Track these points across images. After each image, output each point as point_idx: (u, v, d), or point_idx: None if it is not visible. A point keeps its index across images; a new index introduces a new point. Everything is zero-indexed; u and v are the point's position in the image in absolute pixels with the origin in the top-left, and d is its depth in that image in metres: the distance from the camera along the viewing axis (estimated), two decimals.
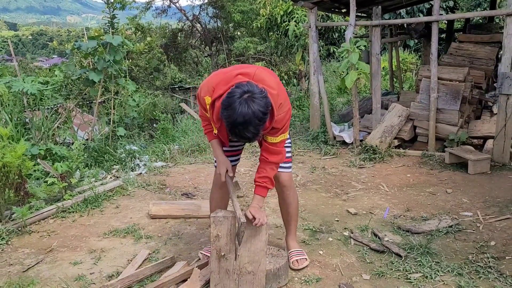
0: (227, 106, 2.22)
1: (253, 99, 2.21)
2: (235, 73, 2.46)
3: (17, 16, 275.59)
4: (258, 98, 2.22)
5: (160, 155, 5.98)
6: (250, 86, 2.26)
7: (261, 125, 2.25)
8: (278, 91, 2.45)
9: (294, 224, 3.08)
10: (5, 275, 2.91)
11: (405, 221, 3.70)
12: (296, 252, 3.00)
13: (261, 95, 2.24)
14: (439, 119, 5.71)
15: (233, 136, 2.30)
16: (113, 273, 2.94)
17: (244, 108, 2.18)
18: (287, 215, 3.03)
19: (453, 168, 5.11)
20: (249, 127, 2.21)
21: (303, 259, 2.96)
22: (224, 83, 2.43)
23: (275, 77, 2.62)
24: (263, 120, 2.25)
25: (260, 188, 2.66)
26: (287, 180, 2.90)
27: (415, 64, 13.17)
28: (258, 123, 2.22)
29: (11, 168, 3.64)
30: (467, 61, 6.23)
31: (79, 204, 4.11)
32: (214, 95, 2.46)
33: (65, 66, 6.97)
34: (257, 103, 2.21)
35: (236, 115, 2.18)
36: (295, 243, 3.09)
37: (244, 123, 2.19)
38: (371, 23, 6.12)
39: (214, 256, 2.57)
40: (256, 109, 2.19)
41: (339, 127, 6.75)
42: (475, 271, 2.84)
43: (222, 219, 2.55)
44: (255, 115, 2.19)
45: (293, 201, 2.99)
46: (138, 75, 12.16)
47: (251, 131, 2.23)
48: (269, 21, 11.61)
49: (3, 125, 5.04)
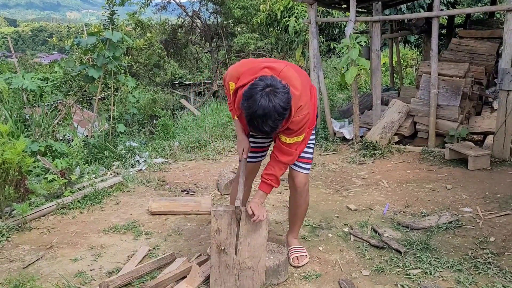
0: (248, 97, 2.22)
1: (275, 93, 2.20)
2: (262, 66, 2.46)
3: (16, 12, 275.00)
4: (280, 93, 2.21)
5: (160, 151, 5.98)
6: (274, 80, 2.26)
7: (280, 120, 2.25)
8: (301, 93, 2.41)
9: (299, 225, 3.08)
10: (6, 272, 2.92)
11: (405, 217, 3.70)
12: (296, 249, 3.01)
13: (283, 90, 2.23)
14: (439, 115, 5.70)
15: (251, 128, 2.31)
16: (113, 269, 2.94)
17: (265, 101, 2.17)
18: (294, 216, 3.02)
19: (453, 164, 5.11)
20: (268, 121, 2.20)
21: (303, 256, 2.97)
22: (250, 73, 2.44)
23: (303, 78, 2.57)
24: (282, 115, 2.24)
25: (265, 185, 2.65)
26: (302, 183, 2.85)
27: (415, 60, 13.15)
28: (277, 118, 2.22)
29: (11, 165, 3.64)
30: (467, 57, 6.22)
31: (79, 201, 4.12)
32: (239, 83, 2.47)
33: (64, 63, 6.96)
34: (279, 98, 2.20)
35: (257, 107, 2.17)
36: (296, 240, 3.09)
37: (264, 116, 2.18)
38: (371, 18, 6.10)
39: (214, 250, 2.58)
40: (277, 104, 2.18)
41: (339, 123, 6.74)
42: (474, 267, 2.84)
43: (222, 213, 2.56)
44: (275, 109, 2.18)
45: (303, 204, 2.96)
46: (138, 71, 12.15)
47: (270, 125, 2.22)
48: (269, 17, 11.59)
49: (3, 122, 5.04)
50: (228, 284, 2.60)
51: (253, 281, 2.60)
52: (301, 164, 2.81)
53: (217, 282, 2.60)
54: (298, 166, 2.82)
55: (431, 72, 5.63)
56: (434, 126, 5.67)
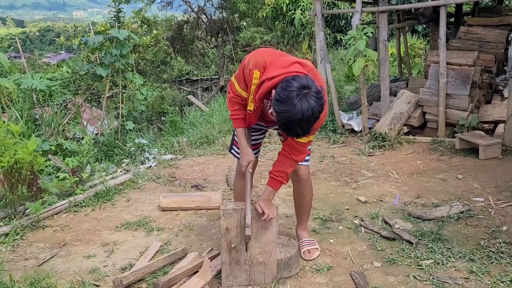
0: (284, 100, 2.11)
1: (312, 96, 2.12)
2: (292, 60, 2.34)
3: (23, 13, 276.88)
4: (317, 97, 2.14)
5: (169, 147, 6.00)
6: (310, 81, 2.16)
7: (314, 123, 2.19)
8: (326, 98, 2.33)
9: (306, 216, 3.08)
10: (21, 269, 2.96)
11: (416, 208, 3.69)
12: (307, 242, 3.01)
13: (319, 95, 2.16)
14: (448, 104, 5.65)
15: (283, 129, 2.23)
16: (126, 265, 2.97)
17: (305, 104, 2.09)
18: (301, 207, 3.02)
19: (464, 153, 5.07)
20: (304, 125, 2.14)
21: (314, 249, 2.97)
22: (280, 66, 2.31)
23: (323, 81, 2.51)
24: (317, 119, 2.19)
25: (274, 181, 2.62)
26: (306, 174, 2.86)
27: (423, 49, 13.01)
28: (313, 121, 2.17)
29: (23, 165, 3.68)
30: (476, 45, 6.14)
31: (91, 198, 4.16)
32: (266, 75, 2.32)
33: (72, 62, 7.00)
34: (315, 100, 2.13)
35: (295, 111, 2.09)
36: (306, 233, 3.09)
37: (301, 121, 2.12)
38: (377, 9, 6.05)
39: (224, 248, 2.59)
40: (315, 108, 2.12)
41: (348, 115, 6.71)
42: (487, 257, 2.83)
43: (231, 212, 2.56)
44: (313, 114, 2.13)
45: (308, 194, 2.97)
46: (145, 68, 12.19)
47: (305, 129, 2.17)
48: (275, 10, 11.55)
49: (14, 122, 5.09)
50: (239, 279, 2.61)
51: (264, 275, 2.61)
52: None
53: (229, 278, 2.61)
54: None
55: (439, 62, 5.57)
56: (443, 116, 5.62)
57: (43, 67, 13.33)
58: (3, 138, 3.67)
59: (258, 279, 2.61)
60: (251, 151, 2.65)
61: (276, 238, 2.63)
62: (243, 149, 2.64)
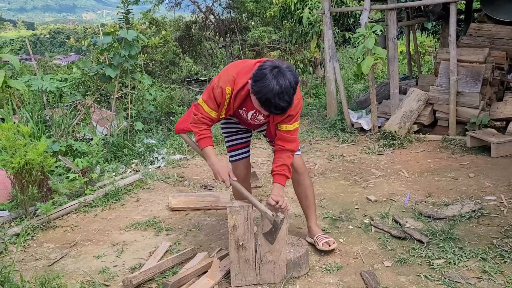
0: (260, 77, 2.29)
1: (285, 70, 2.31)
2: (253, 62, 2.53)
3: (34, 16, 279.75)
4: (288, 70, 2.32)
5: (178, 148, 6.01)
6: (278, 62, 2.37)
7: (293, 96, 2.33)
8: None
9: (314, 209, 3.08)
10: (32, 269, 2.98)
11: (427, 207, 3.65)
12: (323, 236, 3.01)
13: (289, 69, 2.34)
14: (459, 102, 5.59)
15: (266, 108, 2.34)
16: (135, 265, 2.98)
17: (281, 79, 2.27)
18: (306, 199, 3.03)
19: (475, 152, 5.01)
20: (285, 96, 2.28)
21: (331, 242, 2.96)
22: (245, 72, 2.49)
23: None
24: (295, 90, 2.34)
25: (279, 177, 2.67)
26: (301, 164, 2.95)
27: (433, 47, 12.90)
28: (292, 93, 2.32)
29: (33, 165, 3.71)
30: (487, 42, 6.07)
31: (101, 199, 4.18)
32: (237, 86, 2.51)
33: (82, 63, 7.05)
34: (289, 74, 2.30)
35: (273, 85, 2.25)
36: (318, 228, 3.10)
37: (281, 93, 2.26)
38: (386, 6, 6.00)
39: (232, 246, 2.59)
40: (291, 79, 2.29)
41: (357, 114, 6.67)
42: (500, 256, 2.79)
43: (238, 209, 2.55)
44: (290, 85, 2.29)
45: (309, 184, 3.02)
46: (154, 69, 12.23)
47: (286, 100, 2.30)
48: (283, 9, 11.50)
49: (25, 123, 5.14)
50: (248, 278, 2.60)
51: (274, 274, 2.60)
52: None
53: (238, 277, 2.61)
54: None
55: (450, 59, 5.51)
56: (454, 114, 5.56)
57: (53, 68, 13.44)
58: (14, 139, 3.70)
59: (267, 278, 2.60)
60: (223, 165, 2.73)
61: (285, 237, 2.62)
62: (215, 165, 2.71)
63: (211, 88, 2.63)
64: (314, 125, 6.82)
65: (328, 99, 6.81)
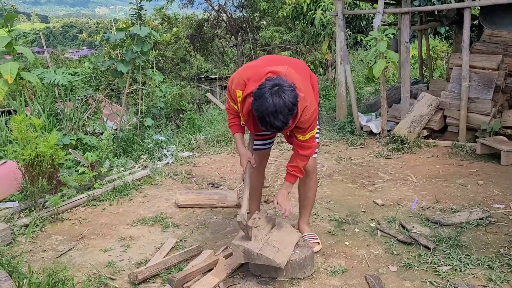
0: (258, 96, 2.35)
1: (284, 91, 2.33)
2: (266, 71, 2.55)
3: (48, 9, 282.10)
4: (288, 90, 2.33)
5: (186, 145, 6.04)
6: (280, 79, 2.38)
7: (290, 115, 2.37)
8: (304, 94, 2.52)
9: (309, 209, 3.18)
10: (40, 261, 3.02)
11: (434, 212, 3.63)
12: (309, 236, 3.07)
13: (290, 88, 2.35)
14: (470, 108, 5.55)
15: (263, 125, 2.42)
16: (141, 260, 3.00)
17: (276, 98, 2.30)
18: (305, 199, 3.13)
19: (485, 159, 4.97)
20: (279, 116, 2.32)
21: (315, 243, 3.02)
22: (255, 79, 2.54)
23: (303, 73, 2.72)
24: (292, 110, 2.36)
25: (290, 176, 2.83)
26: (311, 165, 2.98)
27: (446, 52, 12.82)
28: (288, 113, 2.34)
29: (44, 158, 3.75)
30: (501, 48, 6.01)
31: (109, 193, 4.21)
32: (246, 91, 2.57)
33: (94, 58, 7.10)
34: (287, 94, 2.32)
35: (268, 104, 2.30)
36: (307, 227, 3.18)
37: (275, 112, 2.30)
38: (400, 10, 5.97)
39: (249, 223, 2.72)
40: (287, 100, 2.31)
41: (366, 117, 6.65)
42: (507, 265, 2.77)
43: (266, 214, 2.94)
44: (285, 105, 2.31)
45: (313, 186, 3.10)
46: (165, 65, 12.29)
47: (281, 120, 2.34)
48: (295, 10, 11.50)
49: (36, 116, 5.19)
50: (251, 243, 2.62)
51: (274, 254, 2.57)
52: None
53: (243, 239, 2.65)
54: None
55: (462, 65, 5.48)
56: (465, 120, 5.52)
57: (66, 62, 13.56)
58: (26, 131, 3.74)
59: (268, 253, 2.57)
60: (247, 151, 2.90)
61: (295, 243, 2.72)
62: (240, 150, 2.90)
63: (228, 88, 2.80)
64: (323, 127, 6.81)
65: (338, 101, 6.80)
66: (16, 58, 5.26)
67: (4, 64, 4.98)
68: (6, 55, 5.28)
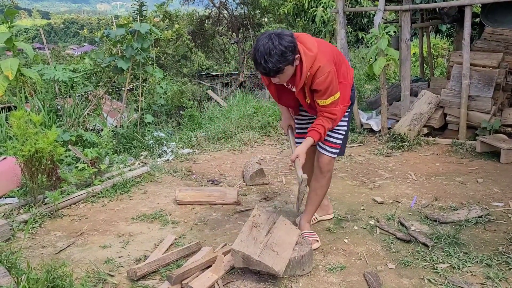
0: (256, 40, 2.54)
1: (280, 38, 2.46)
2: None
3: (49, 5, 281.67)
4: (285, 38, 2.47)
5: (187, 142, 6.04)
6: (283, 31, 2.54)
7: (282, 60, 2.46)
8: (316, 55, 2.59)
9: (315, 207, 3.17)
10: (38, 257, 3.03)
11: (433, 210, 3.63)
12: (308, 234, 3.07)
13: (289, 36, 2.49)
14: (470, 106, 5.54)
15: (257, 67, 2.56)
16: (140, 257, 3.01)
17: (269, 42, 2.45)
18: (314, 195, 3.12)
19: (485, 157, 4.97)
20: (268, 58, 2.44)
21: (314, 241, 3.01)
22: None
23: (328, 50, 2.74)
24: (284, 55, 2.45)
25: (313, 132, 2.81)
26: (327, 164, 3.01)
27: (447, 49, 12.79)
28: (278, 56, 2.44)
29: (43, 154, 3.75)
30: (502, 46, 6.00)
31: (108, 189, 4.22)
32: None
33: (94, 54, 7.09)
34: (283, 40, 2.45)
35: (259, 46, 2.47)
36: (308, 225, 3.17)
37: (264, 53, 2.45)
38: (401, 7, 5.96)
39: (248, 223, 2.75)
40: (277, 43, 2.44)
41: (367, 115, 6.65)
42: (505, 263, 2.77)
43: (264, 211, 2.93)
44: (275, 47, 2.43)
45: (325, 184, 3.10)
46: (166, 62, 12.27)
47: (271, 62, 2.45)
48: (296, 7, 11.48)
49: (36, 112, 5.19)
50: (250, 249, 2.61)
51: (274, 260, 2.58)
52: (327, 147, 2.99)
53: (242, 245, 2.64)
54: (324, 149, 3.00)
55: (463, 63, 5.47)
56: (465, 118, 5.52)
57: (66, 58, 13.54)
58: (25, 127, 3.75)
59: (266, 260, 2.56)
60: (290, 116, 3.11)
61: (294, 244, 2.72)
62: (283, 114, 3.11)
63: None
64: None
65: None
66: (17, 54, 5.26)
67: (5, 60, 4.99)
68: (7, 51, 5.29)
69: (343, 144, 3.08)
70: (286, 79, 2.64)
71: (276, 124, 6.66)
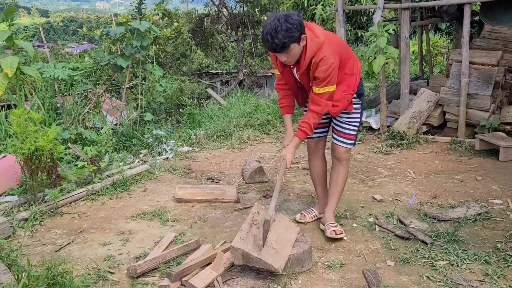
0: (266, 21, 2.69)
1: (285, 15, 2.62)
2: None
3: (48, 3, 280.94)
4: (290, 15, 2.62)
5: (186, 140, 6.05)
6: (289, 12, 2.69)
7: (287, 35, 2.59)
8: (323, 42, 2.73)
9: (338, 197, 3.26)
10: (39, 254, 3.03)
11: (432, 208, 3.64)
12: (333, 224, 3.14)
13: (295, 15, 2.64)
14: (470, 104, 5.55)
15: (265, 44, 2.71)
16: (140, 254, 3.02)
17: (275, 20, 2.60)
18: (335, 185, 3.23)
19: (484, 155, 4.98)
20: (275, 34, 2.58)
21: (339, 230, 3.08)
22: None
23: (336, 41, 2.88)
24: (289, 30, 2.59)
25: (299, 132, 2.93)
26: (343, 153, 3.16)
27: (446, 48, 12.80)
28: (284, 31, 2.58)
29: (43, 152, 3.76)
30: (501, 45, 6.01)
31: (108, 187, 4.22)
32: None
33: (94, 52, 7.10)
34: (289, 17, 2.61)
35: (267, 25, 2.64)
36: (332, 216, 3.23)
37: (271, 29, 2.59)
38: (400, 5, 5.96)
39: (247, 221, 2.77)
40: (283, 21, 2.58)
41: (366, 113, 6.65)
42: (503, 260, 2.78)
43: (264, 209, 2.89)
44: (281, 24, 2.58)
45: (344, 172, 3.22)
46: (165, 60, 12.26)
47: (277, 37, 2.59)
48: (296, 5, 11.49)
49: (36, 110, 5.19)
50: (249, 246, 2.62)
51: (273, 258, 2.59)
52: (342, 139, 3.15)
53: (242, 242, 2.65)
54: (340, 141, 3.16)
55: (462, 61, 5.47)
56: (464, 116, 5.53)
57: (66, 56, 13.54)
58: (25, 125, 3.75)
59: (266, 257, 2.57)
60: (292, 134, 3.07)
61: (293, 241, 2.74)
62: (287, 131, 3.12)
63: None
64: None
65: None
66: (17, 52, 5.26)
67: (5, 58, 4.98)
68: (7, 49, 5.28)
69: (356, 135, 3.21)
70: (293, 59, 2.75)
71: (275, 122, 6.67)
